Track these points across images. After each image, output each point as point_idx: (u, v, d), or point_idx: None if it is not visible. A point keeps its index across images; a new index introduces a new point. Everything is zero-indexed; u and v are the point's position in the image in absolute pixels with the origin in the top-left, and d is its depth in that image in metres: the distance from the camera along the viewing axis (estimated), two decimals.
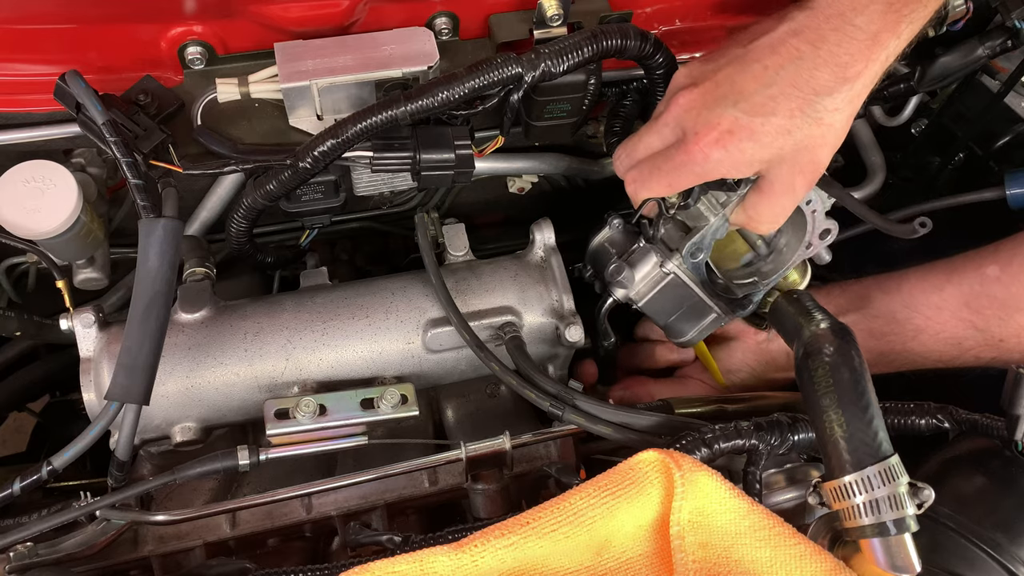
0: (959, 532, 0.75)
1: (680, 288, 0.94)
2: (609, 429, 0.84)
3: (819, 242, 0.95)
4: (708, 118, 0.78)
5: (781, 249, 0.98)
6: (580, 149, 1.19)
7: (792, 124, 0.76)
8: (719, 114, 0.78)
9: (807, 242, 0.95)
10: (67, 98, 0.84)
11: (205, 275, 0.96)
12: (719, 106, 0.78)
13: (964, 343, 1.00)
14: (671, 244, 0.92)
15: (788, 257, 0.96)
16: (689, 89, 0.81)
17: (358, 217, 1.20)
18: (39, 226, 0.85)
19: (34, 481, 0.81)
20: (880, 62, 0.75)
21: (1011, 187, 1.10)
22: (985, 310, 0.97)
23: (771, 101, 0.76)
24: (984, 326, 0.98)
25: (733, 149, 0.77)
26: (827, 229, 0.94)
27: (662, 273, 0.93)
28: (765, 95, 0.76)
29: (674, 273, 0.93)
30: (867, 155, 1.21)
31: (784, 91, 0.76)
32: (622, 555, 0.72)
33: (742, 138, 0.77)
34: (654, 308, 0.97)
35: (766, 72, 0.76)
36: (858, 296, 1.07)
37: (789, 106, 0.76)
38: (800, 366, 0.76)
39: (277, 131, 0.96)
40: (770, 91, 0.76)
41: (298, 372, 0.93)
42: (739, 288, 0.97)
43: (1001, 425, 0.79)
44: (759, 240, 1.00)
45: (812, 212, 0.93)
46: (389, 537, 0.81)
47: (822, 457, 0.73)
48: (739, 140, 0.77)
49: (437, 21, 0.98)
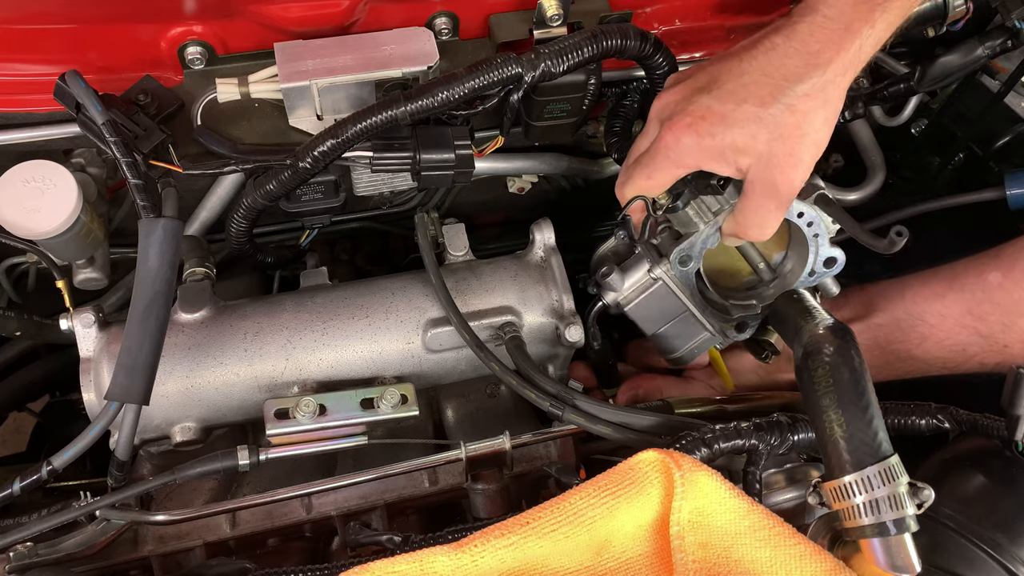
0: (959, 532, 0.75)
1: (668, 297, 0.94)
2: (609, 429, 0.84)
3: (823, 270, 0.94)
4: (683, 107, 0.81)
5: (785, 275, 0.97)
6: (580, 149, 1.19)
7: (764, 112, 0.77)
8: (693, 103, 0.80)
9: (810, 268, 0.94)
10: (67, 98, 0.84)
11: (205, 275, 0.96)
12: (694, 96, 0.81)
13: (969, 349, 0.99)
14: (663, 251, 0.92)
15: (791, 282, 0.96)
16: (670, 89, 0.85)
17: (358, 217, 1.20)
18: (39, 226, 0.85)
19: (34, 481, 0.81)
20: (853, 50, 0.76)
21: (1011, 187, 1.11)
22: (989, 316, 0.97)
23: (742, 88, 0.78)
24: (988, 332, 0.98)
25: (704, 134, 0.79)
26: (832, 257, 0.93)
27: (650, 279, 0.93)
28: (737, 83, 0.79)
29: (662, 280, 0.92)
30: (867, 155, 1.21)
31: (756, 79, 0.78)
32: (622, 555, 0.72)
33: (713, 123, 0.79)
34: (641, 315, 0.96)
35: (740, 63, 0.79)
36: (862, 304, 1.06)
37: (760, 93, 0.77)
38: (800, 366, 0.76)
39: (277, 131, 0.96)
40: (742, 79, 0.78)
41: (298, 372, 0.93)
42: (735, 309, 0.97)
43: (1001, 425, 0.78)
44: (762, 263, 0.99)
45: (814, 236, 0.91)
46: (389, 537, 0.81)
47: (822, 457, 0.73)
48: (710, 125, 0.79)
49: (437, 21, 0.98)
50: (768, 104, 0.77)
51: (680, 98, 0.82)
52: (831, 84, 0.77)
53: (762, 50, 0.79)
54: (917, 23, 1.03)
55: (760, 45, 0.79)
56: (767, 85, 0.77)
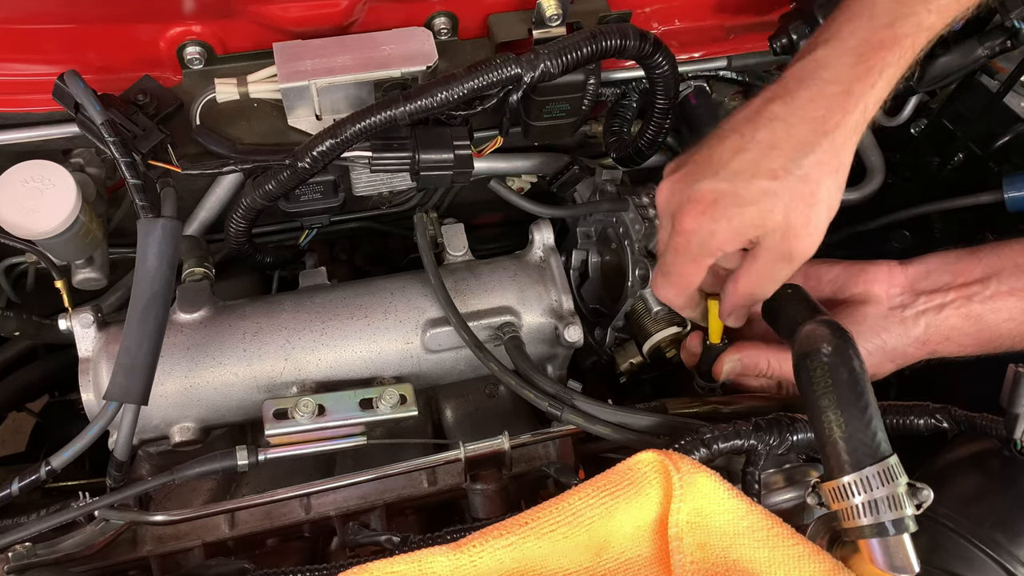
0: (958, 532, 0.75)
1: None
2: (607, 429, 0.84)
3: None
4: (691, 195, 0.77)
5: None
6: (580, 149, 1.19)
7: (777, 185, 0.74)
8: (700, 188, 0.77)
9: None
10: (66, 98, 0.84)
11: (204, 275, 0.96)
12: (699, 181, 0.77)
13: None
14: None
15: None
16: (670, 177, 0.81)
17: (357, 217, 1.20)
18: (38, 226, 0.85)
19: (33, 481, 0.81)
20: (858, 112, 0.75)
21: (1009, 190, 1.10)
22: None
23: (752, 165, 0.75)
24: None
25: (721, 218, 0.76)
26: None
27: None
28: (744, 160, 0.75)
29: None
30: (866, 155, 1.21)
31: (764, 153, 0.75)
32: (621, 555, 0.72)
33: (728, 205, 0.76)
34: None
35: (743, 139, 0.76)
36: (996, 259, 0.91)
37: (771, 167, 0.74)
38: (798, 366, 0.76)
39: (276, 131, 0.96)
40: (749, 155, 0.75)
41: (297, 372, 0.93)
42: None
43: (1000, 425, 0.78)
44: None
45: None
46: (388, 537, 0.81)
47: (821, 457, 0.72)
48: (725, 208, 0.76)
49: (436, 21, 0.98)
50: (781, 177, 0.74)
51: (684, 186, 0.79)
52: (842, 148, 0.75)
53: (763, 122, 0.76)
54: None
55: (759, 117, 0.76)
56: (777, 158, 0.74)
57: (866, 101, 0.75)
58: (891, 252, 1.18)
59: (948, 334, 0.88)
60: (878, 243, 1.21)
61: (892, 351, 0.90)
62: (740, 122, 0.78)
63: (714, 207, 0.76)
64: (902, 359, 0.90)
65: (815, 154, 0.74)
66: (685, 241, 0.79)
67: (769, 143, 0.75)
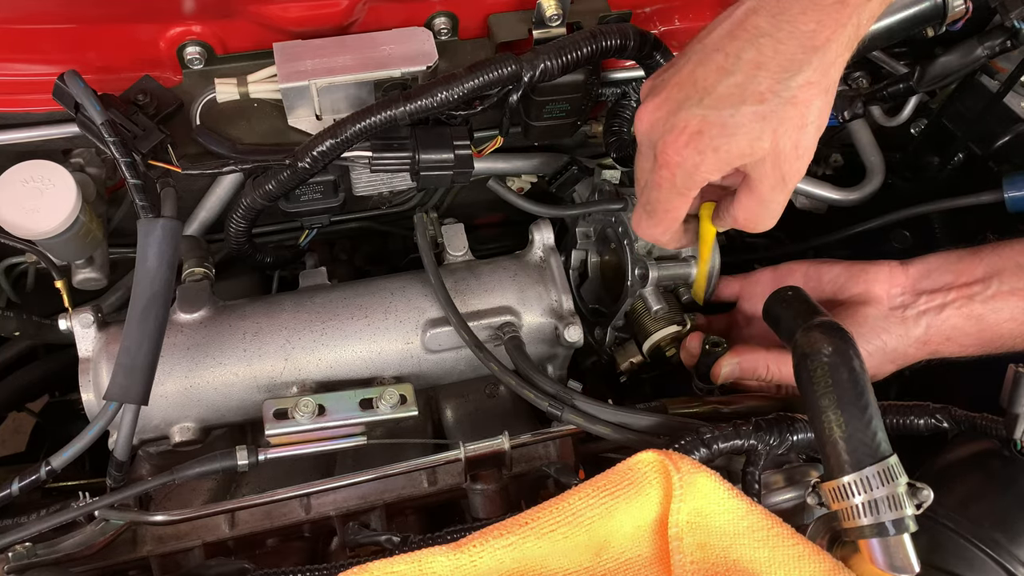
0: (958, 532, 0.75)
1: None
2: (608, 429, 0.84)
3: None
4: (674, 123, 0.73)
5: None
6: (580, 149, 1.19)
7: (765, 109, 0.70)
8: (684, 117, 0.73)
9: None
10: (66, 98, 0.84)
11: (204, 275, 0.96)
12: (683, 108, 0.73)
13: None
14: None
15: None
16: (650, 100, 0.76)
17: (357, 217, 1.20)
18: (38, 226, 0.85)
19: (33, 481, 0.81)
20: (851, 26, 0.69)
21: (1009, 190, 1.10)
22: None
23: (737, 89, 0.70)
24: None
25: (707, 149, 0.72)
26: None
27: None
28: (730, 84, 0.71)
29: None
30: (866, 155, 1.21)
31: (750, 75, 0.70)
32: (621, 556, 0.72)
33: (714, 135, 0.72)
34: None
35: (727, 60, 0.71)
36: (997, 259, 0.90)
37: (758, 90, 0.70)
38: (799, 366, 0.76)
39: (276, 131, 0.96)
40: (734, 79, 0.71)
41: (297, 372, 0.93)
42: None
43: (1000, 425, 0.78)
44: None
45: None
46: (388, 537, 0.81)
47: (821, 457, 0.72)
48: (712, 138, 0.72)
49: (436, 21, 0.98)
50: (767, 100, 0.70)
51: (667, 113, 0.74)
52: (832, 66, 0.70)
53: (748, 39, 0.70)
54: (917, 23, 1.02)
55: (742, 33, 0.70)
56: (764, 79, 0.69)
57: (860, 14, 0.69)
58: (891, 252, 1.18)
59: (949, 334, 0.88)
60: (878, 243, 1.21)
61: (893, 352, 0.89)
62: (723, 38, 0.72)
63: (699, 137, 0.72)
64: (903, 359, 0.90)
65: (804, 73, 0.69)
66: (669, 175, 0.75)
67: (755, 63, 0.70)
